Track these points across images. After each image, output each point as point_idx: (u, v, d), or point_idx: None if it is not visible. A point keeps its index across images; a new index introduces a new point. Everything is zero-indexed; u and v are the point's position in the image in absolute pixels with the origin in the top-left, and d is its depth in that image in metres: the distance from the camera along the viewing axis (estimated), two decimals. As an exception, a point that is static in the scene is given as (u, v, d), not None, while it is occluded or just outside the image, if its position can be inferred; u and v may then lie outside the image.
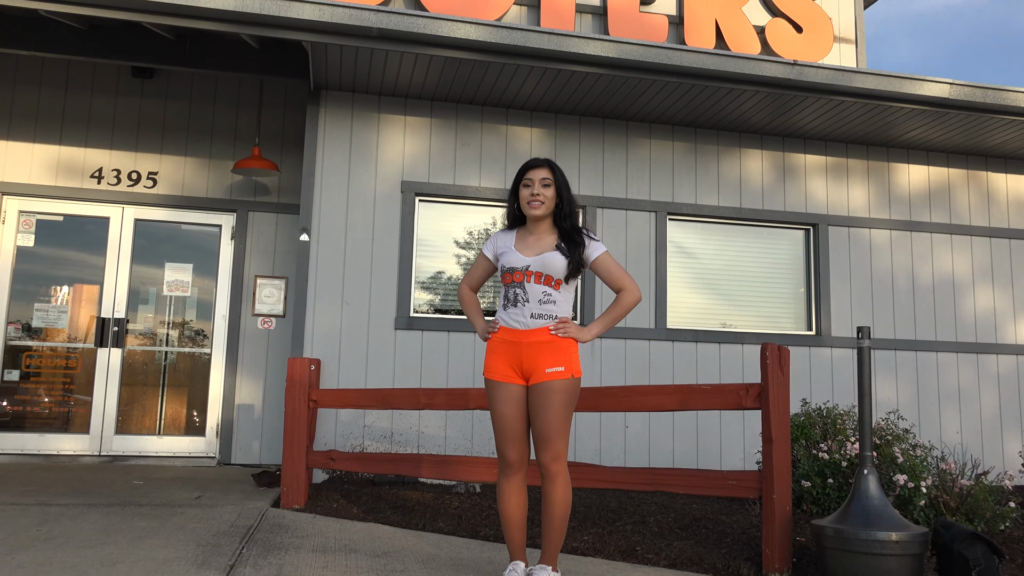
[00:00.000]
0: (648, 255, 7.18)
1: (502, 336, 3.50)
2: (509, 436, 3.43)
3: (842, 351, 7.36)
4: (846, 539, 3.62)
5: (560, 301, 3.47)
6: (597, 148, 7.24)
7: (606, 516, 5.15)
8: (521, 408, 3.45)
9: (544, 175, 3.52)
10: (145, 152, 7.77)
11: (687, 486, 4.26)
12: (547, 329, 3.43)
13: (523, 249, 3.54)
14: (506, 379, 3.45)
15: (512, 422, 3.44)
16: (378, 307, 6.69)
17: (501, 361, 3.48)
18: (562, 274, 3.46)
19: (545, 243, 3.53)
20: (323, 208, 6.71)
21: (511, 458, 3.43)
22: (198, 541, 4.17)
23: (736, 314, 7.39)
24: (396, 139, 6.92)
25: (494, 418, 3.47)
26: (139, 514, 4.83)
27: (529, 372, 3.43)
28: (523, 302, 3.46)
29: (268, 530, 4.56)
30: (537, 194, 3.50)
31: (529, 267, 3.47)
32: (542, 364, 3.40)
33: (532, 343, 3.42)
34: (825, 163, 7.66)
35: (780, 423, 3.98)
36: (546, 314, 3.45)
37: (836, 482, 4.96)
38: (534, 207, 3.50)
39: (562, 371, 3.39)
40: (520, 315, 3.46)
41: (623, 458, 6.83)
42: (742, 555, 4.24)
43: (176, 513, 4.90)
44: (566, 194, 3.53)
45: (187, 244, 7.88)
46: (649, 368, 6.99)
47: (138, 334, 7.60)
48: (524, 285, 3.46)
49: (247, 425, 7.55)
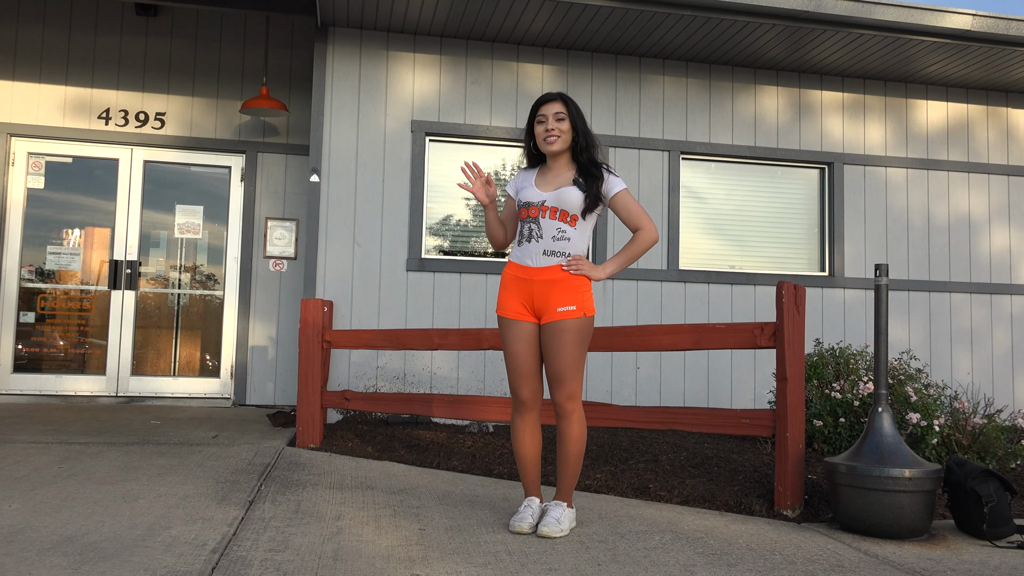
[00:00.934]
0: (661, 195, 7.11)
1: (513, 272, 3.47)
2: (522, 374, 3.43)
3: (855, 292, 7.33)
4: (859, 476, 3.64)
5: (574, 238, 3.43)
6: (609, 86, 7.12)
7: (619, 455, 5.20)
8: (533, 346, 3.44)
9: (557, 109, 3.46)
10: (152, 92, 7.68)
11: (700, 425, 4.28)
12: (559, 267, 3.40)
13: (541, 185, 3.50)
14: (518, 316, 3.44)
15: (524, 360, 3.43)
16: (390, 248, 6.67)
17: (513, 298, 3.46)
18: (578, 209, 3.41)
19: (563, 178, 3.48)
20: (333, 148, 6.65)
21: (524, 396, 3.44)
22: (217, 478, 4.23)
23: (749, 255, 7.35)
24: (405, 77, 6.82)
25: (507, 356, 3.47)
26: (158, 452, 4.90)
27: (541, 311, 3.41)
28: (536, 238, 3.42)
29: (285, 468, 4.62)
30: (552, 129, 3.44)
31: (545, 202, 3.43)
32: (553, 303, 3.37)
33: (543, 281, 3.39)
34: (842, 100, 7.52)
35: (795, 362, 3.98)
36: (559, 251, 3.41)
37: (848, 421, 4.97)
38: (550, 142, 3.45)
39: (574, 310, 3.36)
40: (533, 251, 3.42)
41: (634, 398, 6.86)
42: (754, 492, 4.28)
43: (194, 451, 4.97)
44: (581, 127, 3.47)
45: (197, 186, 7.84)
46: (661, 310, 6.99)
47: (150, 277, 7.62)
48: (539, 220, 3.42)
49: (261, 367, 7.61)
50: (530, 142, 3.56)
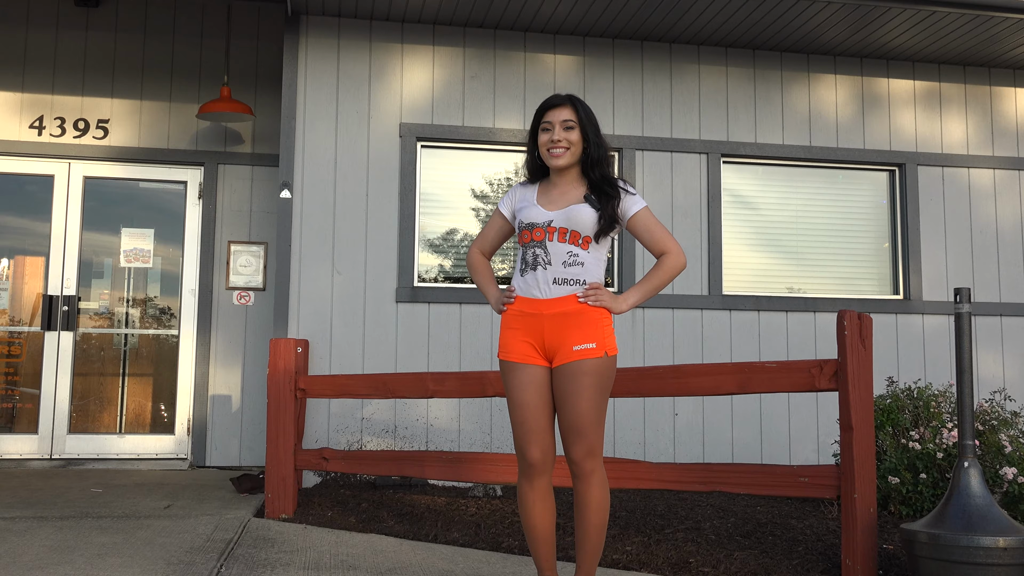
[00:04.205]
0: (699, 206, 7.10)
1: (518, 308, 3.45)
2: (530, 430, 3.39)
3: (936, 318, 7.28)
4: (943, 546, 3.59)
5: (589, 263, 3.43)
6: (635, 78, 7.14)
7: (653, 522, 5.16)
8: (544, 395, 3.42)
9: (566, 116, 3.46)
10: (93, 95, 7.76)
11: (750, 485, 4.24)
12: (574, 297, 3.39)
13: (546, 203, 3.49)
14: (525, 359, 3.42)
15: (533, 412, 3.40)
16: (375, 276, 6.68)
17: (518, 338, 3.44)
18: (592, 230, 3.41)
19: (572, 195, 3.48)
20: (307, 159, 6.69)
21: (533, 457, 3.40)
22: (168, 559, 4.21)
23: (807, 276, 7.31)
24: (393, 73, 6.86)
25: (511, 408, 3.44)
26: (98, 528, 4.88)
27: (553, 351, 3.39)
28: (544, 264, 3.41)
29: (251, 544, 4.60)
30: (558, 140, 3.44)
31: (552, 222, 3.42)
32: (569, 340, 3.36)
33: (555, 315, 3.38)
34: (913, 89, 7.52)
35: (862, 406, 3.94)
36: (572, 279, 3.40)
37: (930, 477, 4.92)
38: (556, 155, 3.45)
39: (593, 348, 3.35)
40: (540, 280, 3.41)
41: (672, 452, 6.82)
42: (817, 567, 4.23)
43: (142, 526, 4.95)
44: (593, 137, 3.47)
45: (147, 205, 7.89)
46: (702, 343, 6.96)
47: (93, 314, 7.66)
48: (546, 244, 3.42)
49: (224, 420, 7.61)
50: (534, 151, 3.57)
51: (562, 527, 4.72)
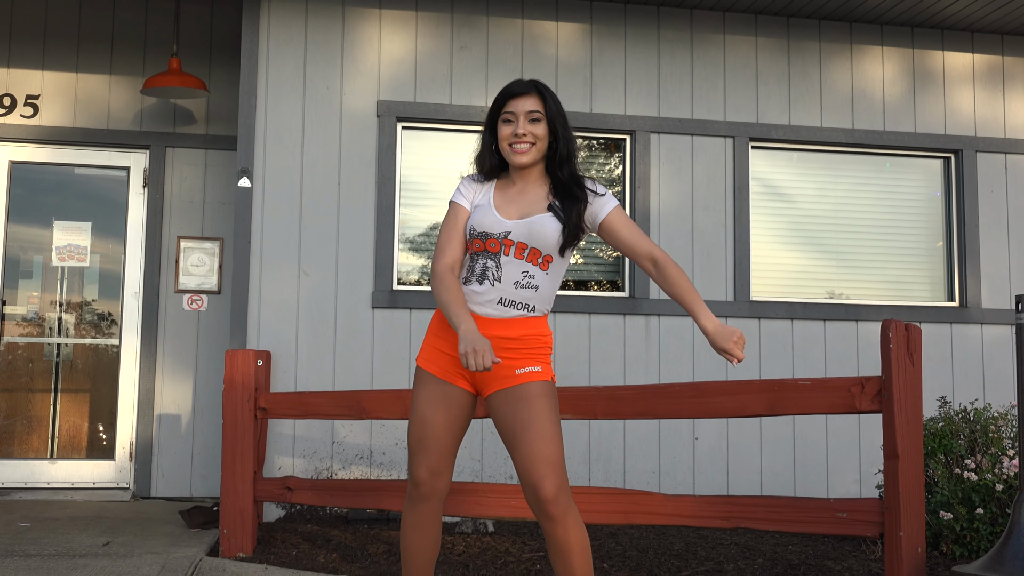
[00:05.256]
0: (723, 198, 7.13)
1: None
2: (426, 448, 3.44)
3: (996, 329, 7.32)
4: (1002, 592, 3.62)
5: (544, 285, 3.46)
6: (650, 49, 7.17)
7: (668, 563, 5.18)
8: (452, 418, 3.46)
9: (532, 106, 3.46)
10: (21, 67, 7.77)
11: (780, 521, 4.26)
12: (519, 321, 3.43)
13: (503, 205, 3.49)
14: (445, 376, 3.47)
15: (434, 431, 3.45)
16: (349, 277, 6.70)
17: (444, 350, 3.48)
18: (555, 248, 3.44)
19: (532, 197, 3.49)
20: (269, 141, 6.71)
21: (419, 476, 3.45)
22: (108, 604, 4.23)
23: (847, 279, 7.35)
24: (370, 43, 6.89)
25: (411, 421, 3.50)
26: (25, 568, 4.89)
27: (485, 378, 3.42)
28: (492, 280, 3.44)
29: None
30: (523, 134, 3.44)
31: (509, 234, 3.43)
32: (509, 365, 3.39)
33: (494, 337, 3.39)
34: (972, 64, 7.56)
35: (909, 432, 3.97)
36: (520, 302, 3.44)
37: (987, 513, 4.95)
38: (520, 151, 3.45)
39: (539, 371, 3.41)
40: (484, 297, 3.44)
41: (691, 482, 6.84)
42: (857, 615, 4.26)
43: (76, 566, 4.96)
44: (562, 131, 3.49)
45: (83, 195, 7.90)
46: (726, 356, 6.97)
47: (20, 320, 7.67)
48: (499, 258, 3.44)
49: (172, 444, 7.63)
50: (492, 144, 3.54)
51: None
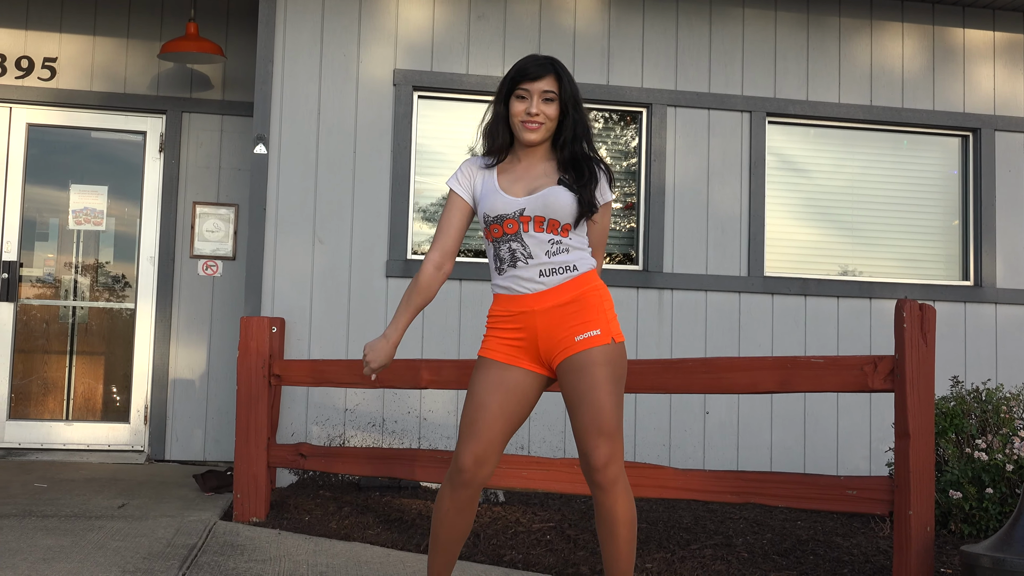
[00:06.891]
0: (738, 173, 7.12)
1: (504, 308, 3.47)
2: (476, 432, 3.39)
3: (1011, 309, 7.31)
4: (1009, 572, 3.63)
5: (574, 247, 3.45)
6: (668, 21, 7.14)
7: (677, 536, 5.22)
8: (510, 406, 3.42)
9: (547, 87, 3.43)
10: (39, 30, 7.77)
11: (789, 497, 4.28)
12: (566, 286, 3.41)
13: (510, 185, 3.48)
14: (509, 360, 3.44)
15: (487, 417, 3.40)
16: (363, 246, 6.72)
17: (506, 340, 3.45)
18: (571, 217, 3.41)
19: (539, 171, 3.48)
20: (286, 108, 6.71)
21: (464, 462, 3.39)
22: (123, 566, 4.28)
23: (862, 256, 7.34)
24: (387, 11, 6.87)
25: (466, 404, 3.46)
26: (43, 528, 4.95)
27: (551, 350, 3.40)
28: (525, 259, 3.42)
29: (217, 551, 4.66)
30: (535, 113, 3.42)
31: (524, 211, 3.41)
32: (569, 332, 3.37)
33: (549, 308, 3.39)
34: (993, 42, 7.51)
35: (920, 411, 3.98)
36: (560, 266, 3.42)
37: (997, 493, 4.95)
38: (530, 129, 3.42)
39: (598, 335, 3.37)
40: (524, 277, 3.43)
41: (701, 456, 6.88)
42: (864, 591, 4.29)
43: (93, 527, 5.02)
44: (572, 112, 3.46)
45: (100, 158, 7.93)
46: (739, 332, 7.00)
47: (36, 282, 7.71)
48: (521, 236, 3.42)
49: (186, 408, 7.68)
50: (506, 118, 3.49)
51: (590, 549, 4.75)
